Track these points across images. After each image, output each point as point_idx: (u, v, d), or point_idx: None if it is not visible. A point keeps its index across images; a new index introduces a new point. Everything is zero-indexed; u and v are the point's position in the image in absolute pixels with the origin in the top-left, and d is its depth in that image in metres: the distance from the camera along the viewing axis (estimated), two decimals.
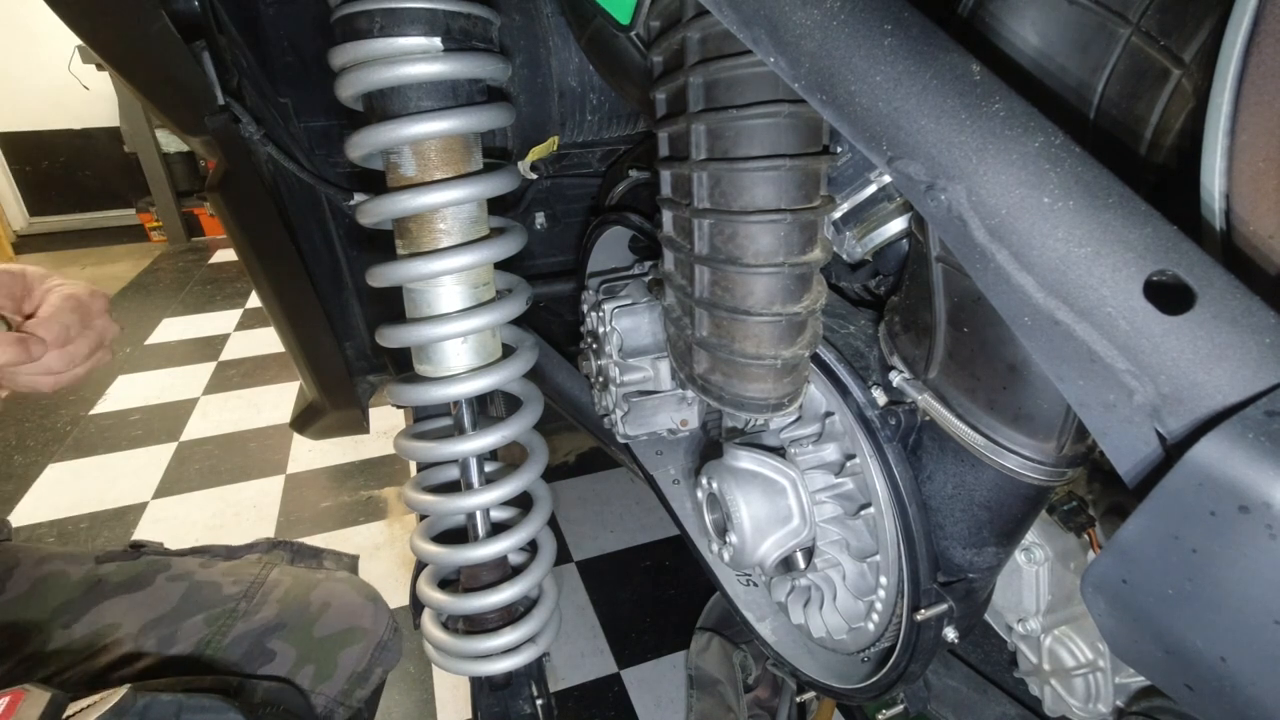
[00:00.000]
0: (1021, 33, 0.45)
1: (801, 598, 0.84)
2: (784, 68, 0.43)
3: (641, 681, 1.58)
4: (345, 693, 0.87)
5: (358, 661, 0.88)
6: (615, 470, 2.17)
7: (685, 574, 1.86)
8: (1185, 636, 0.35)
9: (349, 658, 0.87)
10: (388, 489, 2.23)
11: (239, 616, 0.82)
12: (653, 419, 0.99)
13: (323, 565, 0.97)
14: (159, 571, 0.85)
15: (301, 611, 0.86)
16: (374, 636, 0.90)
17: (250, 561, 0.91)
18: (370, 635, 0.90)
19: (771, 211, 0.57)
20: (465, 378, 0.73)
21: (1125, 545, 0.35)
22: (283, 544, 0.97)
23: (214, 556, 0.91)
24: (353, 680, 0.88)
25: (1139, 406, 0.34)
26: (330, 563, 0.98)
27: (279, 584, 0.87)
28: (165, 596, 0.82)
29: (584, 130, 0.98)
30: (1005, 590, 0.78)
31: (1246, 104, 0.40)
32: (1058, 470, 0.55)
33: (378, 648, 0.91)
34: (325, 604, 0.88)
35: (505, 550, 0.81)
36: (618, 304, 0.95)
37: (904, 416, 0.64)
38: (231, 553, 0.93)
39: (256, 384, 2.90)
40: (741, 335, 0.62)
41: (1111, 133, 0.47)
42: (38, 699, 0.52)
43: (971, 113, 0.37)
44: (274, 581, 0.87)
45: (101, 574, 0.83)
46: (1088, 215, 0.35)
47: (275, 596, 0.86)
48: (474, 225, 0.70)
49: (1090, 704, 0.76)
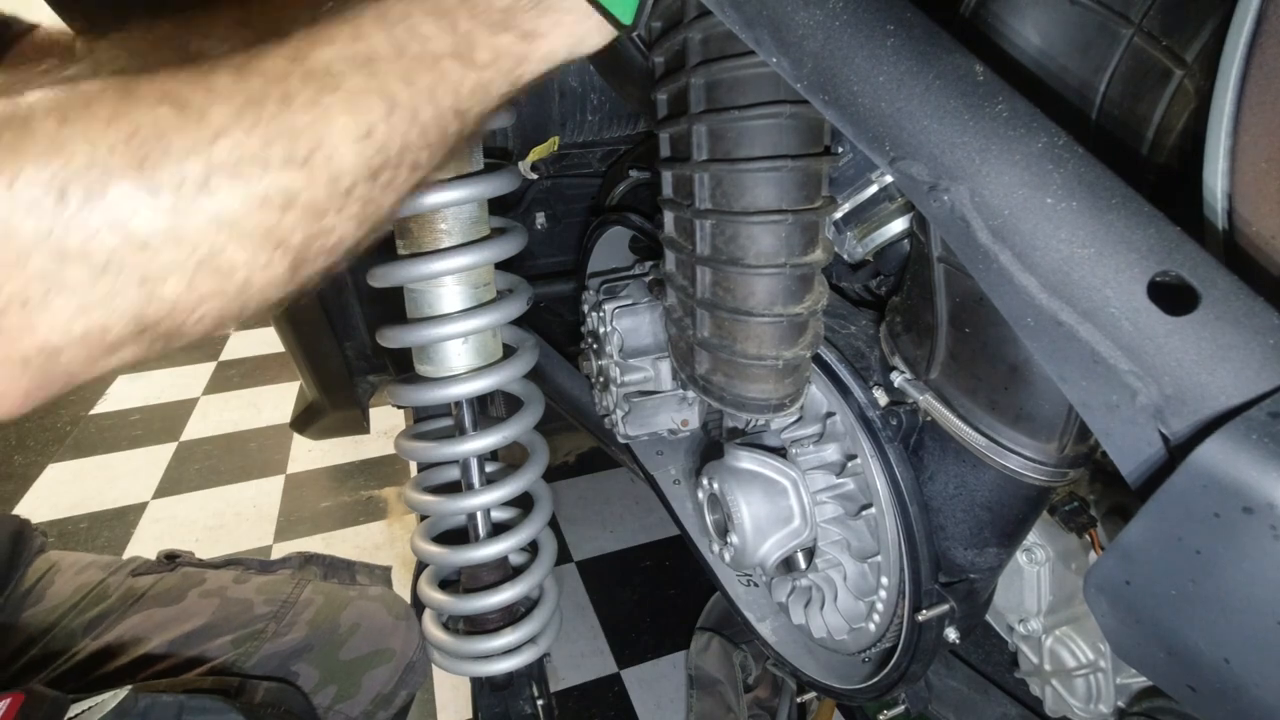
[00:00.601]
0: (1024, 33, 0.45)
1: (802, 598, 0.84)
2: (786, 68, 0.43)
3: (641, 681, 1.58)
4: (368, 714, 0.86)
5: (384, 684, 0.87)
6: (615, 470, 2.17)
7: (685, 574, 1.85)
8: (1188, 638, 0.35)
9: (375, 680, 0.86)
10: (388, 489, 2.23)
11: (266, 638, 0.81)
12: (653, 419, 0.99)
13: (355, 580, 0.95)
14: (193, 586, 0.84)
15: (330, 633, 0.85)
16: (403, 658, 0.89)
17: (284, 578, 0.89)
18: (399, 657, 0.89)
19: (773, 212, 0.57)
20: (466, 378, 0.73)
21: (1128, 546, 0.35)
22: (316, 558, 0.96)
23: (247, 569, 0.90)
24: (376, 702, 0.87)
25: (1142, 407, 0.34)
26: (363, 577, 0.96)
27: (311, 603, 0.86)
28: (196, 612, 0.81)
29: (584, 130, 0.98)
30: (1006, 591, 0.77)
31: (1249, 104, 0.40)
32: (1059, 471, 0.55)
33: (406, 669, 0.89)
34: (355, 625, 0.87)
35: (506, 551, 0.81)
36: (618, 304, 0.95)
37: (905, 417, 0.64)
38: (265, 566, 0.92)
39: (256, 384, 2.90)
40: (743, 336, 0.62)
41: (1114, 133, 0.47)
42: (39, 700, 0.52)
43: (974, 113, 0.37)
44: (306, 601, 0.86)
45: (138, 587, 0.83)
46: (1091, 216, 0.35)
47: (305, 618, 0.85)
48: (474, 225, 0.70)
49: (1091, 704, 0.76)
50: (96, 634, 0.78)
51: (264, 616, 0.83)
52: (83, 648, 0.76)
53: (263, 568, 0.92)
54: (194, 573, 0.87)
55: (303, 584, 0.88)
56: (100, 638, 0.78)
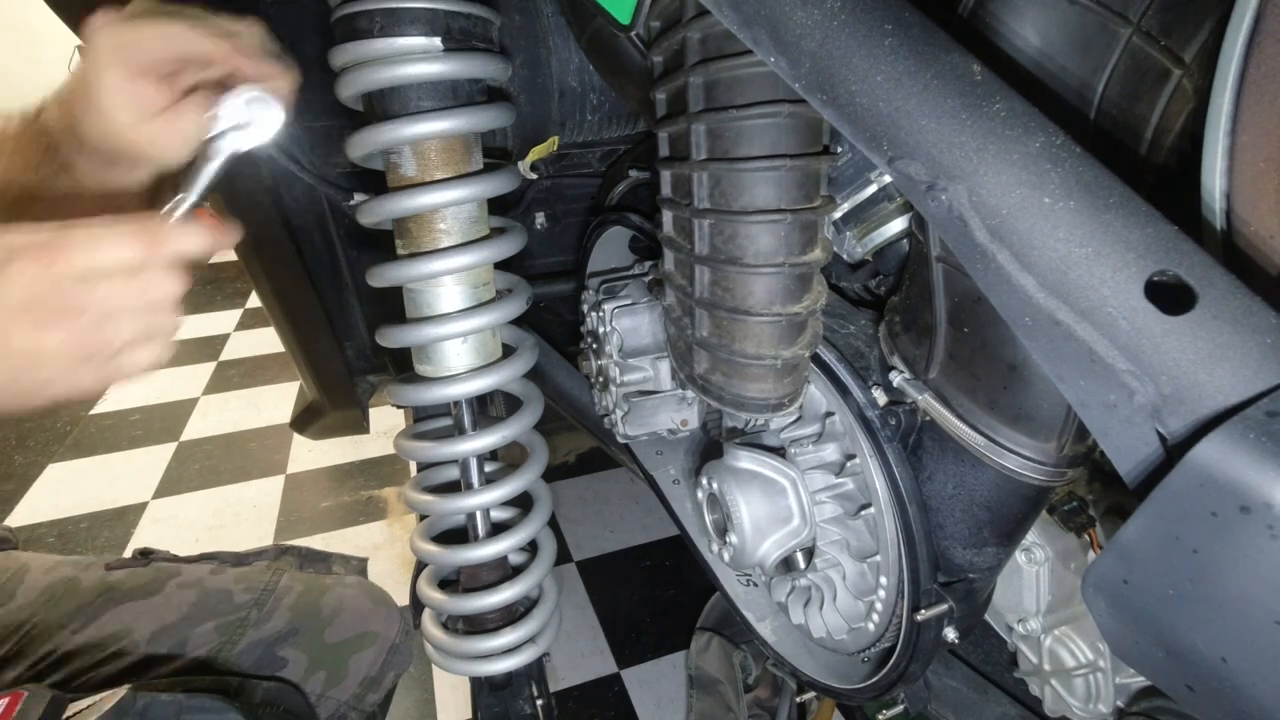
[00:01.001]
0: (1022, 33, 0.45)
1: (802, 598, 0.84)
2: (784, 68, 0.43)
3: (641, 681, 1.58)
4: (357, 697, 0.87)
5: (370, 666, 0.88)
6: (615, 470, 2.17)
7: (685, 574, 1.85)
8: (1186, 637, 0.35)
9: (361, 662, 0.87)
10: (388, 489, 2.23)
11: (250, 625, 0.82)
12: (653, 419, 0.99)
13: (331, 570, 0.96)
14: (170, 578, 0.85)
15: (313, 618, 0.85)
16: (386, 640, 0.90)
17: (260, 568, 0.90)
18: (382, 639, 0.90)
19: (772, 212, 0.57)
20: (465, 378, 0.73)
21: (1126, 546, 0.35)
22: (291, 549, 0.97)
23: (223, 563, 0.90)
24: (365, 684, 0.88)
25: (1140, 407, 0.34)
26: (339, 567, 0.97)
27: (290, 590, 0.87)
28: (177, 604, 0.82)
29: (584, 130, 0.98)
30: (1005, 590, 0.78)
31: (1247, 104, 0.40)
32: (1058, 470, 0.55)
33: (390, 651, 0.90)
34: (337, 609, 0.88)
35: (505, 550, 0.81)
36: (618, 304, 0.95)
37: (904, 416, 0.64)
38: (240, 559, 0.92)
39: (256, 384, 2.90)
40: (742, 335, 0.62)
41: (1112, 133, 0.47)
42: (38, 699, 0.52)
43: (972, 113, 0.37)
44: (285, 588, 0.87)
45: (112, 581, 0.83)
46: (1089, 215, 0.35)
47: (287, 604, 0.85)
48: (474, 225, 0.70)
49: (1091, 704, 0.76)
50: (75, 628, 0.78)
51: (245, 604, 0.84)
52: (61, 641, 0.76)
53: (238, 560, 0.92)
54: (168, 566, 0.87)
55: (279, 573, 0.89)
56: (80, 632, 0.77)
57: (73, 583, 0.82)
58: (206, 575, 0.87)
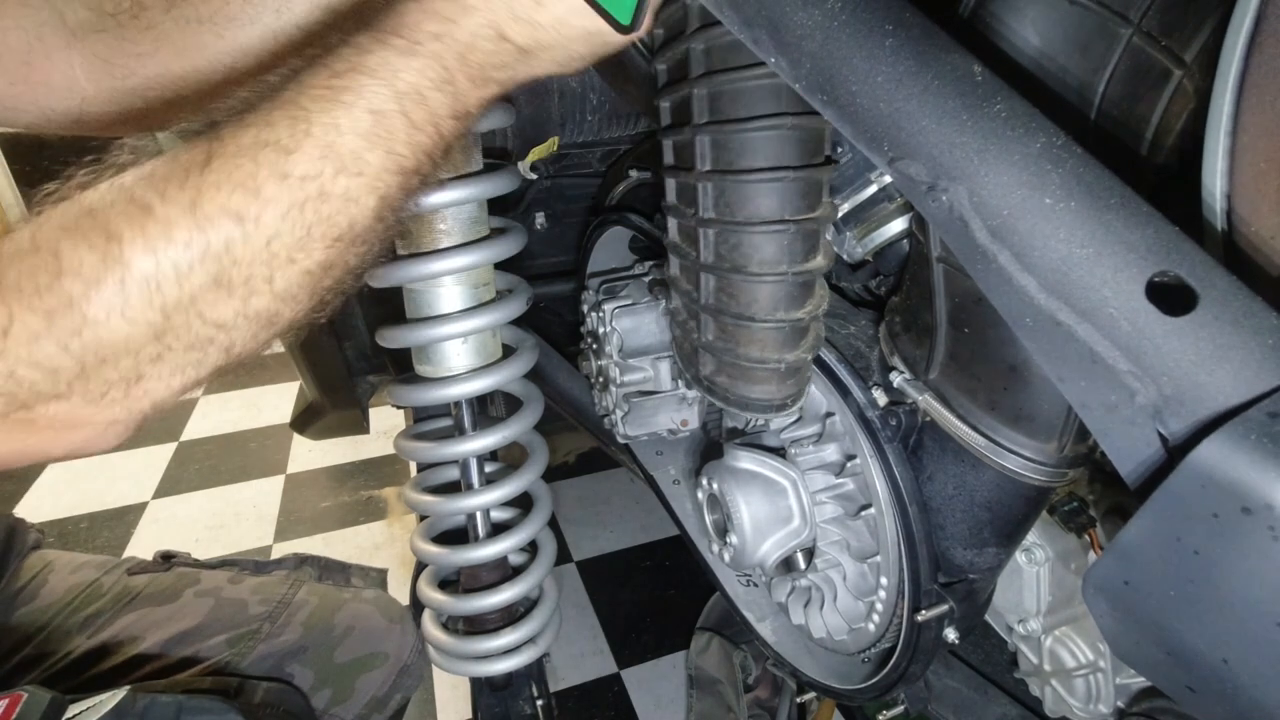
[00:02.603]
0: (1022, 33, 0.45)
1: (802, 598, 0.84)
2: (785, 68, 0.43)
3: (641, 681, 1.58)
4: (362, 718, 0.86)
5: (379, 687, 0.87)
6: (615, 470, 2.17)
7: (685, 574, 1.85)
8: (1187, 638, 0.35)
9: (369, 683, 0.86)
10: (388, 489, 2.23)
11: (261, 638, 0.81)
12: (653, 419, 0.99)
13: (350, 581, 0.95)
14: (188, 585, 0.85)
15: (325, 635, 0.85)
16: (397, 662, 0.89)
17: (279, 579, 0.89)
18: (393, 660, 0.89)
19: (775, 222, 0.57)
20: (465, 378, 0.73)
21: (1127, 547, 0.35)
22: (311, 559, 0.96)
23: (242, 570, 0.90)
24: (371, 705, 0.87)
25: (1141, 408, 0.34)
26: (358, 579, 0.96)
27: (305, 604, 0.86)
28: (191, 612, 0.81)
29: (584, 130, 0.98)
30: (1006, 591, 0.77)
31: (1248, 104, 0.40)
32: (1059, 471, 0.55)
33: (400, 673, 0.89)
34: (350, 627, 0.87)
35: (505, 551, 0.80)
36: (618, 304, 0.95)
37: (904, 417, 0.64)
38: (260, 567, 0.92)
39: (256, 384, 2.89)
40: (746, 340, 0.63)
41: (1113, 133, 0.47)
42: (38, 700, 0.52)
43: (973, 113, 0.37)
44: (300, 602, 0.86)
45: (132, 585, 0.83)
46: (1089, 216, 0.35)
47: (300, 619, 0.85)
48: (474, 225, 0.70)
49: (1091, 705, 0.76)
50: (91, 633, 0.78)
51: (259, 617, 0.83)
52: (77, 646, 0.76)
53: (258, 568, 0.92)
54: (189, 573, 0.87)
55: (297, 585, 0.88)
56: (95, 636, 0.77)
57: (94, 586, 0.82)
58: (225, 584, 0.86)
